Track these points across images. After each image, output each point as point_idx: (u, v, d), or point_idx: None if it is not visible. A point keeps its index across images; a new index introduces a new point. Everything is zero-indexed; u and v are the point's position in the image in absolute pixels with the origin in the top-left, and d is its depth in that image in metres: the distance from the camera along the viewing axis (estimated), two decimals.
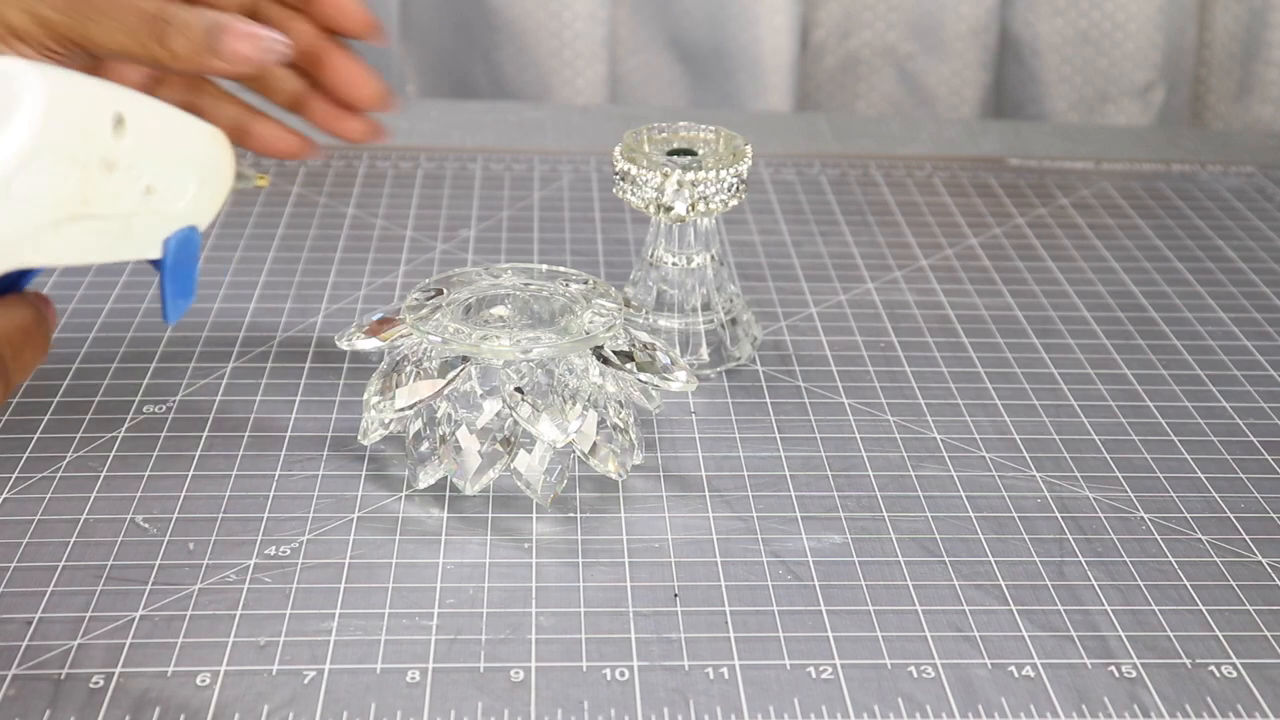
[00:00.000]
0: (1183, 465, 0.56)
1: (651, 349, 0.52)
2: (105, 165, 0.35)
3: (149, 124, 0.37)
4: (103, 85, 0.36)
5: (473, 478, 0.51)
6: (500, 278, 0.55)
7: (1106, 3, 1.01)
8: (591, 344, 0.50)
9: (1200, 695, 0.44)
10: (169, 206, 0.38)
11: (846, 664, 0.44)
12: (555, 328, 0.51)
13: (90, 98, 0.36)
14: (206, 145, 0.41)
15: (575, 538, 0.50)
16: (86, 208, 0.35)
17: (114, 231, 0.37)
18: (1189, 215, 0.81)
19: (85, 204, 0.35)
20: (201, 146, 0.41)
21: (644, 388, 0.53)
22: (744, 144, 0.59)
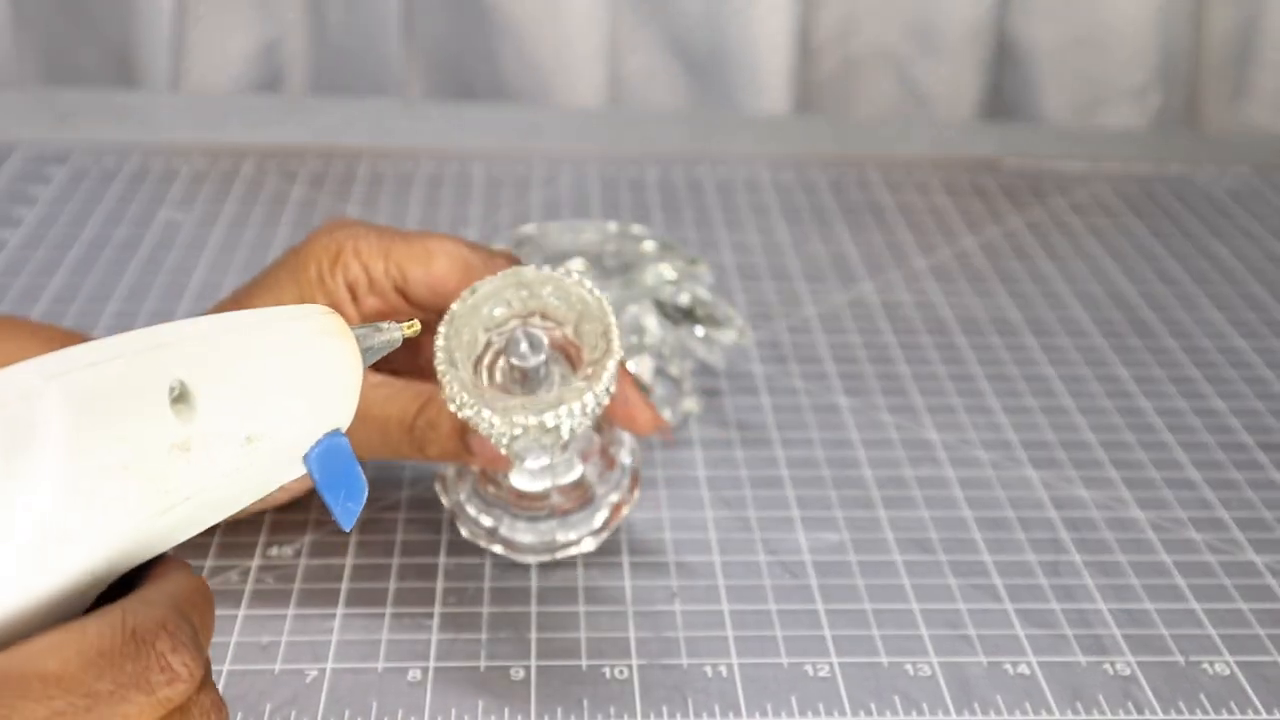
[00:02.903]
0: (1177, 465, 0.56)
1: (710, 305, 0.56)
2: (179, 449, 0.29)
3: (225, 374, 0.30)
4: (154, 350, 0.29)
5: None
6: (580, 235, 0.57)
7: (1102, 6, 1.01)
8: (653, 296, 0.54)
9: (1194, 693, 0.44)
10: (283, 439, 0.31)
11: (844, 662, 0.45)
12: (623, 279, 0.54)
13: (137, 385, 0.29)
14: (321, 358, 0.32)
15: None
16: (174, 496, 0.29)
17: (228, 492, 0.31)
18: (1184, 217, 0.81)
19: (170, 494, 0.29)
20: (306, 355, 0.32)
21: (703, 342, 0.56)
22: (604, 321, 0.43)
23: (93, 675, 0.26)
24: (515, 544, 0.47)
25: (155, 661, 0.28)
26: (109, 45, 1.05)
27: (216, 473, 0.30)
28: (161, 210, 0.76)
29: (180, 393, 0.29)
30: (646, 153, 0.87)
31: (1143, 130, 1.02)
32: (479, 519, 0.48)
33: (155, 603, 0.28)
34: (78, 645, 0.27)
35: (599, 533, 0.48)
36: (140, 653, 0.27)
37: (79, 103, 0.92)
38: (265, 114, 0.93)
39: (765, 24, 1.01)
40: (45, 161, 0.82)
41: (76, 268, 0.69)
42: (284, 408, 0.31)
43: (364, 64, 1.05)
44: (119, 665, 0.27)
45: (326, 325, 0.33)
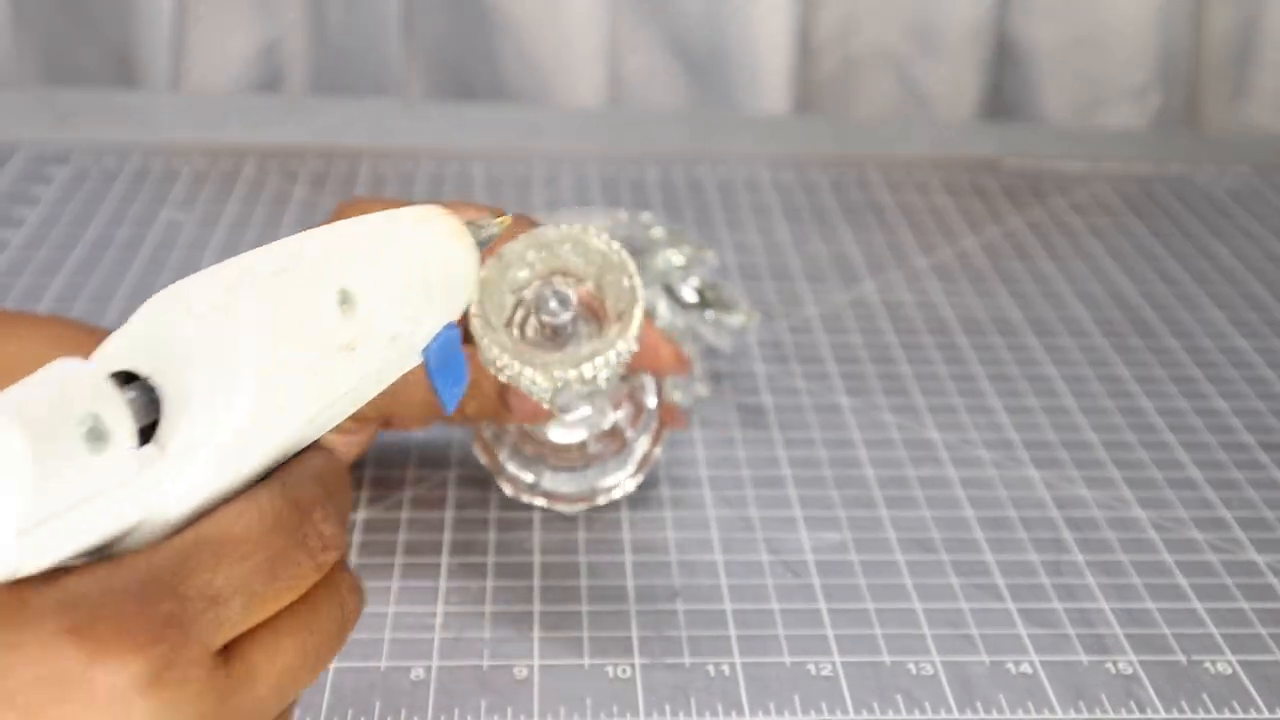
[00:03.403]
0: (1179, 465, 0.56)
1: (718, 289, 0.58)
2: (342, 349, 0.31)
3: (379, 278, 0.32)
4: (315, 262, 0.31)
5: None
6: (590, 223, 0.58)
7: (1102, 6, 1.02)
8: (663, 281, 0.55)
9: (1196, 692, 0.44)
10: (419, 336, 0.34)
11: (846, 661, 0.45)
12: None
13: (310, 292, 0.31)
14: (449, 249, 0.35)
15: (577, 536, 0.50)
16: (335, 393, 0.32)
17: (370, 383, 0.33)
18: (1185, 217, 0.81)
19: (332, 390, 0.31)
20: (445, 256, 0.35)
21: (712, 328, 0.58)
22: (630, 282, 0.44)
23: (270, 537, 0.29)
24: (558, 495, 0.50)
25: (313, 529, 0.30)
26: (109, 45, 1.05)
27: (367, 370, 0.32)
28: (163, 210, 0.76)
29: (344, 298, 0.32)
30: (646, 153, 0.87)
31: (1143, 130, 1.03)
32: (520, 476, 0.50)
33: (307, 478, 0.31)
34: (256, 511, 0.29)
35: (636, 474, 0.50)
36: (302, 520, 0.30)
37: (79, 103, 0.92)
38: (265, 114, 0.93)
39: (765, 24, 1.01)
40: (46, 161, 0.82)
41: (79, 268, 0.69)
42: (422, 306, 0.34)
43: (364, 64, 1.05)
44: (288, 529, 0.30)
45: (451, 226, 0.35)
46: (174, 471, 0.28)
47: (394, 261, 0.33)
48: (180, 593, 0.28)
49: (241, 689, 0.29)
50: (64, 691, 0.26)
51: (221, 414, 0.29)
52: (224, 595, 0.28)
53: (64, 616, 0.27)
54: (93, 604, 0.27)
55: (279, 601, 0.30)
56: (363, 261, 0.32)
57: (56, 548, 0.27)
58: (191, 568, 0.28)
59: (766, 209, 0.80)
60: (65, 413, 0.27)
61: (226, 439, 0.29)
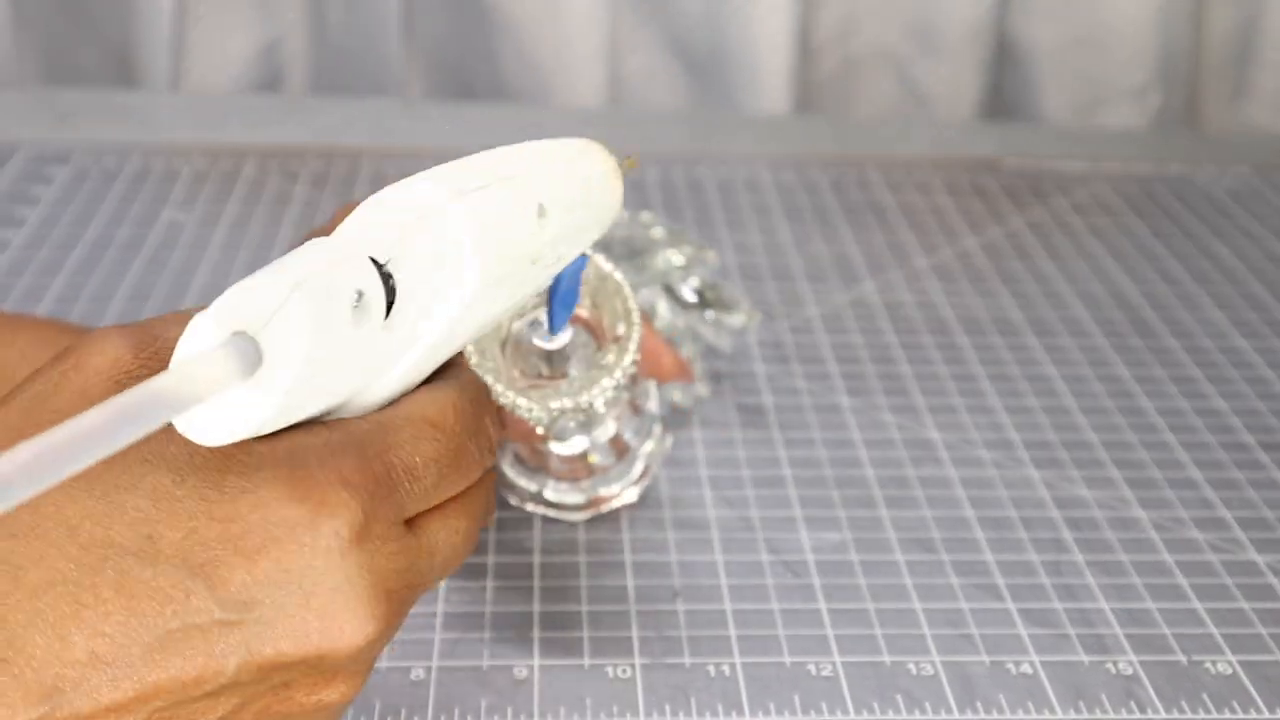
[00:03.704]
0: (1179, 465, 0.56)
1: (718, 289, 0.58)
2: (531, 262, 0.34)
3: (563, 196, 0.35)
4: (514, 179, 0.34)
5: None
6: None
7: (1102, 6, 1.02)
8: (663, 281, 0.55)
9: (1196, 692, 0.44)
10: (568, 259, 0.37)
11: (846, 661, 0.45)
12: (633, 264, 0.55)
13: (516, 205, 0.33)
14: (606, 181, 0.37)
15: (577, 536, 0.50)
16: (507, 306, 0.35)
17: (526, 299, 0.36)
18: (1185, 217, 0.81)
19: (511, 299, 0.34)
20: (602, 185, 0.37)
21: (712, 328, 0.58)
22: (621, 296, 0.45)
23: (456, 428, 0.33)
24: (561, 505, 0.49)
25: (484, 429, 0.34)
26: (109, 45, 1.05)
27: (533, 288, 0.35)
28: (164, 210, 0.76)
29: (541, 211, 0.34)
30: (646, 153, 0.87)
31: (1143, 130, 1.03)
32: (523, 485, 0.50)
33: (476, 386, 0.35)
34: (449, 400, 0.33)
35: (639, 481, 0.50)
36: (478, 419, 0.34)
37: (79, 103, 0.92)
38: (265, 114, 0.93)
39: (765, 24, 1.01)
40: (46, 162, 0.82)
41: (79, 268, 0.69)
42: (586, 230, 0.37)
43: (364, 64, 1.05)
44: (469, 425, 0.33)
45: (607, 160, 0.38)
46: (399, 351, 0.32)
47: (573, 184, 0.36)
48: (388, 459, 0.31)
49: (422, 558, 0.32)
50: (286, 536, 0.29)
51: (443, 305, 0.32)
52: (419, 470, 0.32)
53: (290, 468, 0.30)
54: (316, 458, 0.30)
55: (455, 487, 0.33)
56: (551, 180, 0.35)
57: (304, 406, 0.30)
58: (397, 440, 0.31)
59: (767, 209, 0.80)
60: (340, 287, 0.30)
61: (444, 328, 0.32)
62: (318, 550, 0.30)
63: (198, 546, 0.29)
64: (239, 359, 0.28)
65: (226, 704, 0.30)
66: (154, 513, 0.29)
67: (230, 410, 0.29)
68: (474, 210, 0.32)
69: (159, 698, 0.29)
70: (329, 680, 0.31)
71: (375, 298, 0.31)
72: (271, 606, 0.29)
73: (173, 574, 0.29)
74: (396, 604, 0.31)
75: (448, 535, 0.33)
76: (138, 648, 0.29)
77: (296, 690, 0.31)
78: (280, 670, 0.30)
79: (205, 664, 0.29)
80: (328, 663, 0.30)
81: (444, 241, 0.32)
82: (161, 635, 0.29)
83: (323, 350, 0.29)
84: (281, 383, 0.29)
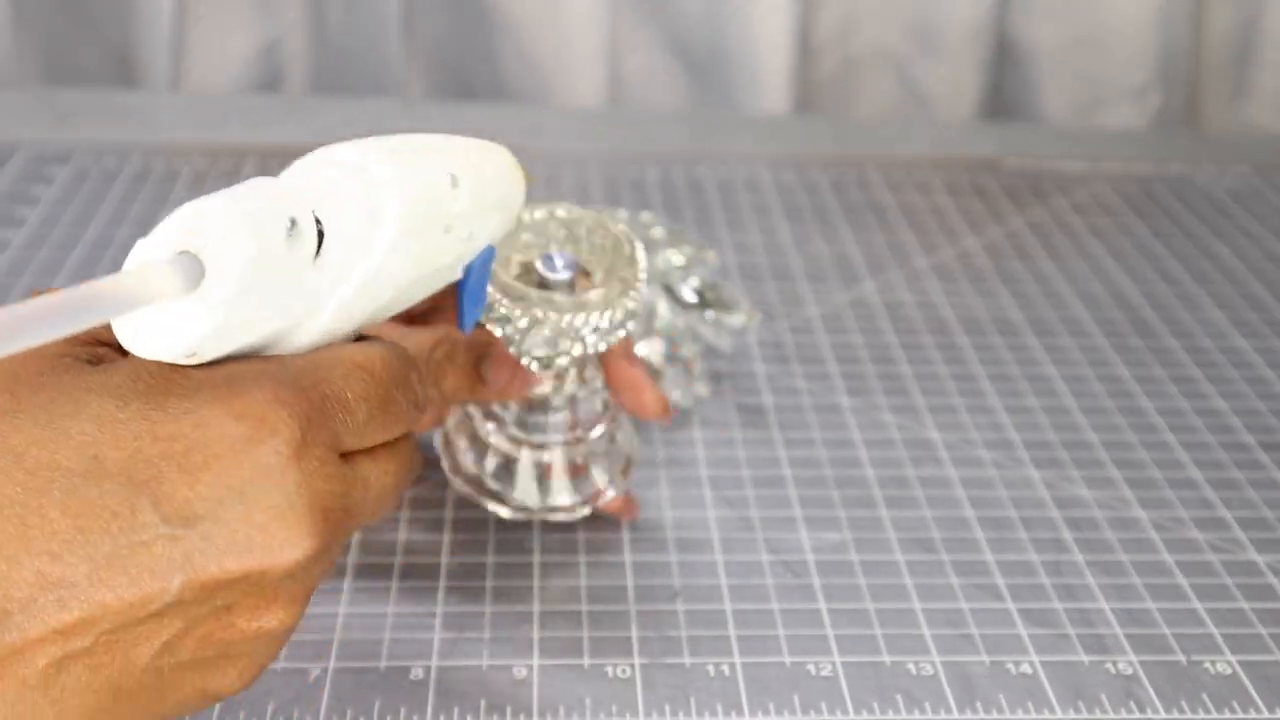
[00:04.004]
0: (1179, 465, 0.56)
1: (718, 289, 0.58)
2: (445, 229, 0.37)
3: (474, 174, 0.38)
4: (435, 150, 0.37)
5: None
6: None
7: (1102, 6, 1.02)
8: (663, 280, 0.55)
9: (1196, 692, 0.44)
10: (480, 242, 0.39)
11: (846, 661, 0.45)
12: None
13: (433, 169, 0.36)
14: (509, 177, 0.40)
15: (577, 536, 0.50)
16: (426, 269, 0.36)
17: (439, 278, 0.38)
18: (1185, 217, 0.81)
19: (426, 265, 0.36)
20: (507, 181, 0.40)
21: (712, 328, 0.58)
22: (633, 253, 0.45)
23: (385, 375, 0.35)
24: (506, 497, 0.48)
25: (412, 384, 0.36)
26: (109, 45, 1.05)
27: (446, 259, 0.37)
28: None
29: (454, 180, 0.36)
30: (646, 153, 0.87)
31: (1143, 130, 1.03)
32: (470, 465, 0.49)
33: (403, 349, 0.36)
34: (375, 352, 0.35)
35: (585, 504, 0.49)
36: (407, 374, 0.36)
37: (79, 103, 0.92)
38: (265, 114, 0.93)
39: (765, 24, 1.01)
40: (46, 162, 0.82)
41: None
42: (493, 215, 0.39)
43: (364, 64, 1.05)
44: (398, 376, 0.35)
45: (510, 158, 0.41)
46: (328, 291, 0.33)
47: (483, 167, 0.39)
48: (321, 390, 0.33)
49: (356, 488, 0.34)
50: (227, 452, 0.31)
51: (368, 247, 0.34)
52: (351, 405, 0.33)
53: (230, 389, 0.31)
54: (255, 381, 0.32)
55: (385, 431, 0.35)
56: (465, 158, 0.38)
57: (242, 327, 0.31)
58: (330, 375, 0.33)
59: (767, 209, 0.80)
60: (277, 211, 0.32)
61: (368, 274, 0.34)
62: (258, 466, 0.31)
63: (142, 464, 0.30)
64: (182, 273, 0.30)
65: (170, 627, 0.31)
66: (99, 435, 0.30)
67: (173, 323, 0.31)
68: (396, 166, 0.35)
69: (106, 619, 0.30)
70: (269, 603, 0.32)
71: (307, 229, 0.32)
72: (214, 521, 0.30)
73: (118, 491, 0.30)
74: (333, 525, 0.32)
75: (379, 475, 0.35)
76: (84, 567, 0.29)
77: (238, 615, 0.32)
78: (223, 589, 0.31)
79: (150, 581, 0.30)
80: (268, 579, 0.31)
81: (368, 191, 0.34)
82: (108, 553, 0.29)
83: (260, 270, 0.31)
84: (222, 296, 0.30)
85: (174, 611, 0.31)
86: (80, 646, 0.30)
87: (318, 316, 0.34)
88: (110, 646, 0.30)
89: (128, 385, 0.31)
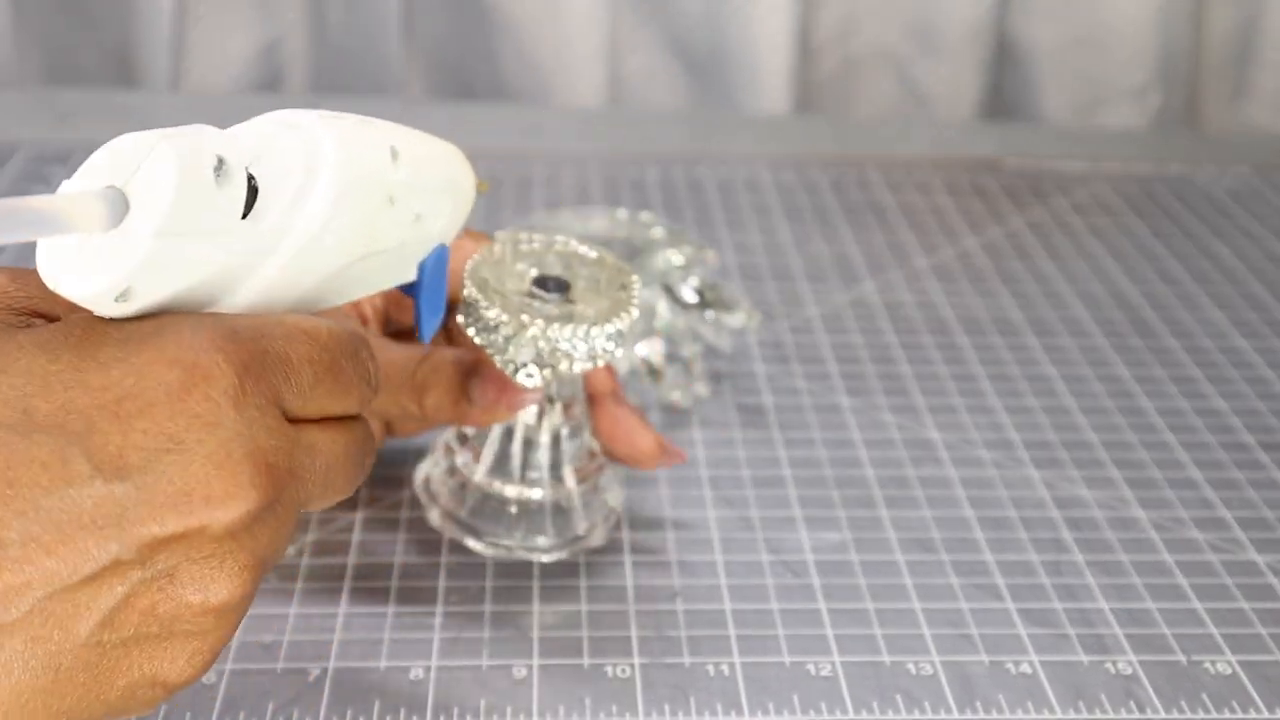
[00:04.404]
0: (1179, 465, 0.56)
1: (718, 289, 0.58)
2: (388, 200, 0.35)
3: (416, 152, 0.37)
4: (372, 122, 0.36)
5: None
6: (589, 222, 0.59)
7: (1103, 6, 1.02)
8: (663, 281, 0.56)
9: (1196, 692, 0.44)
10: (431, 230, 0.38)
11: (845, 661, 0.45)
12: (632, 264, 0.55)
13: (371, 136, 0.35)
14: (457, 165, 0.40)
15: None
16: (373, 245, 0.35)
17: (388, 263, 0.37)
18: (1185, 217, 0.81)
19: (373, 242, 0.35)
20: (453, 166, 0.40)
21: (712, 328, 0.58)
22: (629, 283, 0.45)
23: (333, 345, 0.33)
24: (482, 532, 0.48)
25: (362, 360, 0.35)
26: (109, 45, 1.05)
27: (393, 238, 0.36)
28: None
29: (394, 154, 0.36)
30: (647, 152, 0.87)
31: (1143, 130, 1.03)
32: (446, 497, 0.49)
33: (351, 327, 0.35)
34: (322, 323, 0.34)
35: (563, 547, 0.48)
36: (356, 349, 0.34)
37: (79, 103, 0.92)
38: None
39: (765, 24, 1.01)
40: (47, 162, 0.82)
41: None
42: (440, 200, 0.38)
43: (364, 64, 1.05)
44: (346, 348, 0.34)
45: (461, 157, 0.41)
46: (265, 248, 0.33)
47: (427, 145, 0.38)
48: (261, 345, 0.32)
49: (302, 453, 0.32)
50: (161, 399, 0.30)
51: (307, 205, 0.33)
52: (294, 364, 0.32)
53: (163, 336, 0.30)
54: (190, 329, 0.31)
55: (333, 401, 0.33)
56: (406, 134, 0.37)
57: (171, 267, 0.31)
58: (271, 334, 0.32)
59: (767, 209, 0.80)
60: (203, 148, 0.31)
61: (310, 228, 0.33)
62: (193, 414, 0.30)
63: (74, 415, 0.29)
64: (106, 204, 0.29)
65: (110, 594, 0.29)
66: (29, 388, 0.29)
67: (98, 261, 0.30)
68: (333, 126, 0.34)
69: (40, 583, 0.28)
70: (214, 571, 0.30)
71: (237, 173, 0.31)
72: (150, 471, 0.29)
73: (49, 442, 0.29)
74: (276, 482, 0.31)
75: (327, 444, 0.33)
76: (17, 523, 0.28)
77: (182, 584, 0.30)
78: (163, 548, 0.29)
79: (85, 537, 0.29)
80: (210, 535, 0.30)
81: (305, 147, 0.33)
82: (40, 508, 0.28)
83: (185, 205, 0.30)
84: (146, 228, 0.30)
85: (112, 574, 0.29)
86: (14, 616, 0.28)
87: (255, 276, 0.33)
88: (47, 616, 0.29)
89: (59, 339, 0.30)
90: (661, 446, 0.48)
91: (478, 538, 0.48)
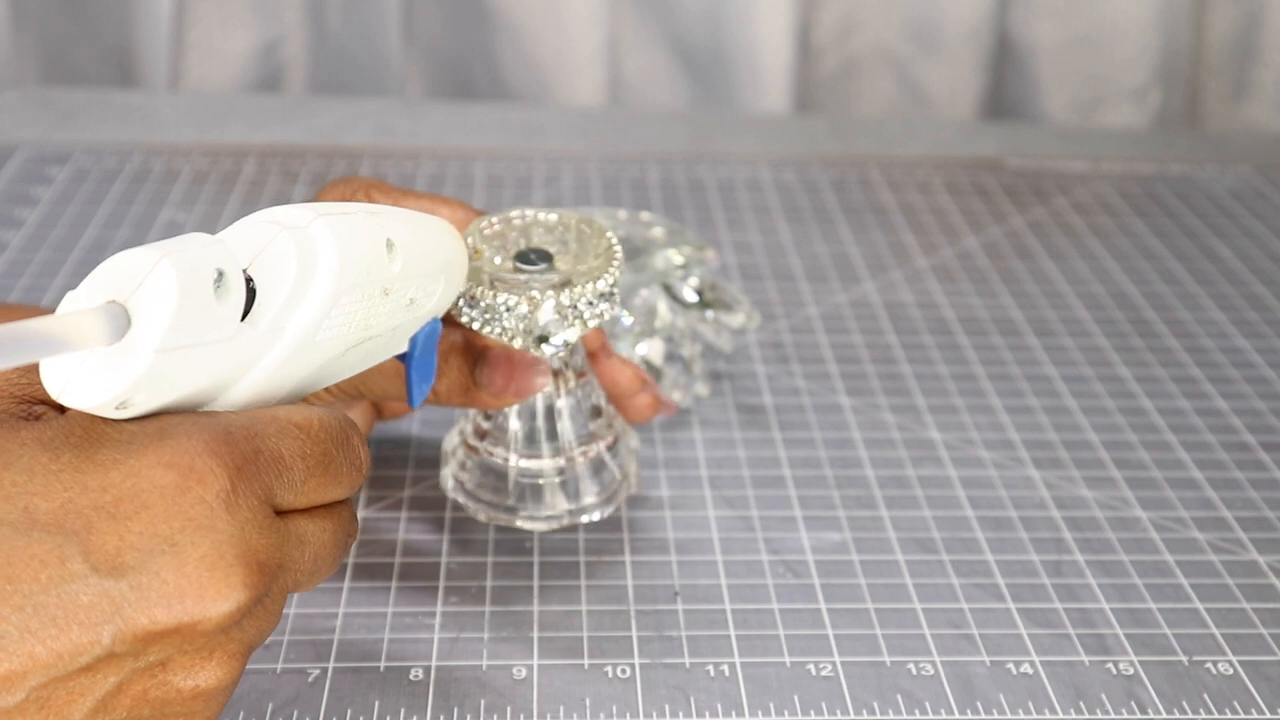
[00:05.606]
0: (1180, 465, 0.56)
1: (718, 289, 0.58)
2: (383, 293, 0.37)
3: (411, 240, 0.38)
4: (372, 214, 0.37)
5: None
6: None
7: (1103, 5, 1.02)
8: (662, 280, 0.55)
9: (1197, 692, 0.44)
10: (423, 311, 0.40)
11: (846, 661, 0.45)
12: (632, 264, 0.55)
13: (368, 232, 0.36)
14: (449, 243, 0.41)
15: (577, 536, 0.50)
16: (367, 333, 0.37)
17: (382, 345, 0.38)
18: (1186, 216, 0.81)
19: (367, 330, 0.37)
20: (446, 245, 0.41)
21: (712, 328, 0.58)
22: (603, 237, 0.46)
23: (324, 436, 0.34)
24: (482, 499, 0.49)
25: (353, 448, 0.35)
26: (109, 45, 1.05)
27: (386, 324, 0.38)
28: (163, 211, 0.76)
29: (390, 247, 0.37)
30: (647, 152, 0.87)
31: (1144, 130, 1.02)
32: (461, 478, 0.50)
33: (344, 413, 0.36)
34: (314, 413, 0.35)
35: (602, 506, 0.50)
36: (347, 438, 0.35)
37: (79, 103, 0.92)
38: (265, 114, 0.93)
39: (765, 24, 1.01)
40: (46, 162, 0.82)
41: (79, 269, 0.69)
42: (434, 282, 0.40)
43: (364, 64, 1.05)
44: (337, 438, 0.35)
45: (454, 233, 0.42)
46: (261, 348, 0.34)
47: (422, 233, 0.39)
48: (255, 444, 0.33)
49: (291, 543, 0.33)
50: (157, 500, 0.31)
51: (303, 306, 0.34)
52: (286, 461, 0.33)
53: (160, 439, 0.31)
54: (185, 432, 0.32)
55: (325, 492, 0.34)
56: (404, 223, 0.38)
57: (170, 379, 0.31)
58: (264, 431, 0.33)
59: (767, 209, 0.80)
60: (203, 263, 0.32)
61: (302, 331, 0.34)
62: (187, 515, 0.31)
63: (72, 514, 0.30)
64: (108, 320, 0.30)
65: (104, 682, 0.31)
66: (30, 486, 0.30)
67: (100, 373, 0.31)
68: (331, 224, 0.35)
69: (36, 673, 0.29)
70: (205, 660, 0.32)
71: (235, 283, 0.32)
72: (144, 571, 0.30)
73: (48, 540, 0.30)
74: (266, 579, 0.32)
75: (316, 533, 0.35)
76: (14, 617, 0.29)
77: (173, 672, 0.32)
78: (156, 642, 0.31)
79: (80, 632, 0.30)
80: (201, 631, 0.31)
81: (302, 249, 0.34)
82: (37, 604, 0.29)
83: (186, 320, 0.31)
84: (148, 344, 0.30)
85: (106, 665, 0.30)
86: (11, 703, 0.30)
87: (252, 374, 0.34)
88: (42, 704, 0.30)
89: (60, 438, 0.31)
90: (641, 379, 0.50)
91: (528, 518, 0.49)
